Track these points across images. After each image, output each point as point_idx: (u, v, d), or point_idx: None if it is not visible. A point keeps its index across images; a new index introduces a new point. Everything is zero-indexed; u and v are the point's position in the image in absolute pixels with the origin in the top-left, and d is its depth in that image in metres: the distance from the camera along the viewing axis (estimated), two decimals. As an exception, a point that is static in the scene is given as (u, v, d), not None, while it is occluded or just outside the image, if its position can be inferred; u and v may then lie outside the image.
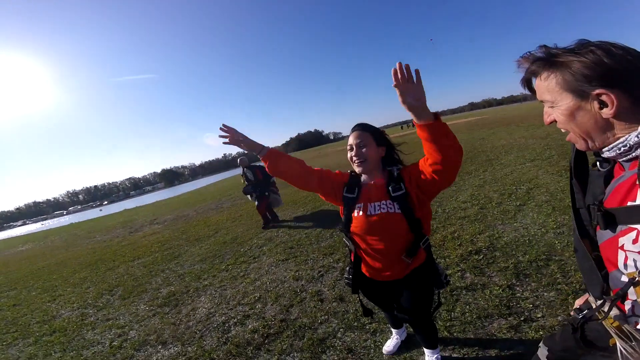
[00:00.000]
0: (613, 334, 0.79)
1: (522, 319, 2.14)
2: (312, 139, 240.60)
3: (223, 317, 3.14)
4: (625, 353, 0.76)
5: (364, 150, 1.51)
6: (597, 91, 0.66)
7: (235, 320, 3.04)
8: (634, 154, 0.68)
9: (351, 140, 1.54)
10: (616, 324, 0.77)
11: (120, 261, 6.63)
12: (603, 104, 0.67)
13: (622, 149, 0.69)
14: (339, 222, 1.65)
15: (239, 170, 8.03)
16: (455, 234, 3.73)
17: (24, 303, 5.20)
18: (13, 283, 6.88)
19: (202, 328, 3.04)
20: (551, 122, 0.80)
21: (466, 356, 1.97)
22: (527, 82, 0.82)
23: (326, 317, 2.72)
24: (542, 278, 2.51)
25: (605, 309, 0.75)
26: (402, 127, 59.21)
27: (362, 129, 1.55)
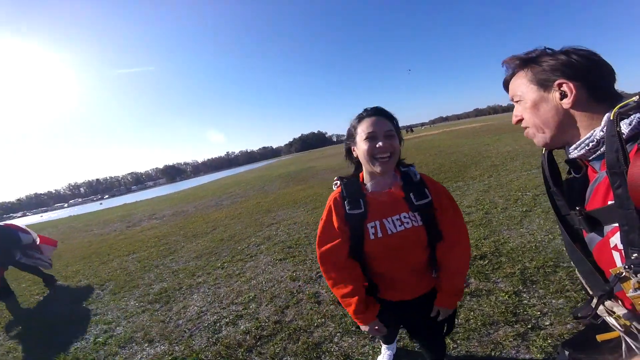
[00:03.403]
0: (621, 333, 0.74)
1: (529, 326, 2.02)
2: (315, 140, 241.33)
3: (215, 317, 3.02)
4: (635, 349, 0.72)
5: (391, 141, 1.17)
6: (559, 81, 0.71)
7: (227, 320, 2.91)
8: (601, 150, 0.68)
9: (372, 127, 1.16)
10: (626, 322, 0.72)
11: (115, 255, 6.54)
12: (563, 95, 0.71)
13: (590, 144, 0.70)
14: None
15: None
16: (459, 239, 3.60)
17: (12, 296, 4.99)
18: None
19: (192, 327, 2.92)
20: (518, 122, 0.83)
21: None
22: (506, 85, 0.86)
23: (323, 320, 2.59)
24: (550, 285, 2.39)
25: (594, 303, 0.75)
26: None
27: (385, 114, 1.21)
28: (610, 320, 0.74)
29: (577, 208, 0.75)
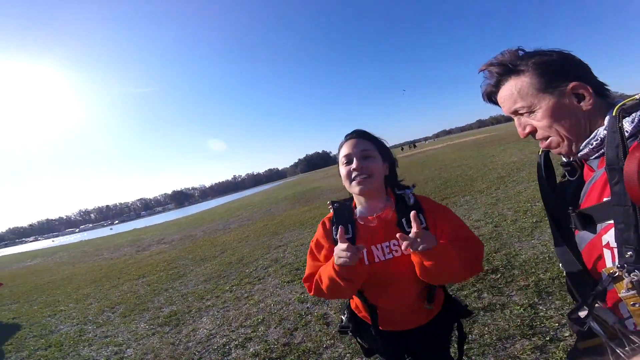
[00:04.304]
0: (604, 339, 0.71)
1: (547, 338, 1.96)
2: (319, 160, 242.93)
3: (224, 339, 2.98)
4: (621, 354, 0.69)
5: (368, 162, 1.12)
6: (573, 84, 0.69)
7: (236, 342, 2.88)
8: (605, 149, 0.66)
9: (348, 150, 1.14)
10: (611, 327, 0.71)
11: (125, 279, 6.60)
12: (580, 97, 0.70)
13: (595, 143, 0.69)
14: None
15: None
16: (470, 253, 3.55)
17: (24, 317, 5.23)
18: (16, 296, 6.98)
19: (201, 349, 2.90)
20: (529, 133, 0.78)
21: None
22: (489, 95, 0.83)
23: (332, 341, 2.54)
24: (567, 296, 2.31)
25: (583, 313, 0.72)
26: (402, 149, 52.82)
27: (363, 136, 1.18)
28: (594, 325, 0.73)
29: (570, 207, 0.75)
